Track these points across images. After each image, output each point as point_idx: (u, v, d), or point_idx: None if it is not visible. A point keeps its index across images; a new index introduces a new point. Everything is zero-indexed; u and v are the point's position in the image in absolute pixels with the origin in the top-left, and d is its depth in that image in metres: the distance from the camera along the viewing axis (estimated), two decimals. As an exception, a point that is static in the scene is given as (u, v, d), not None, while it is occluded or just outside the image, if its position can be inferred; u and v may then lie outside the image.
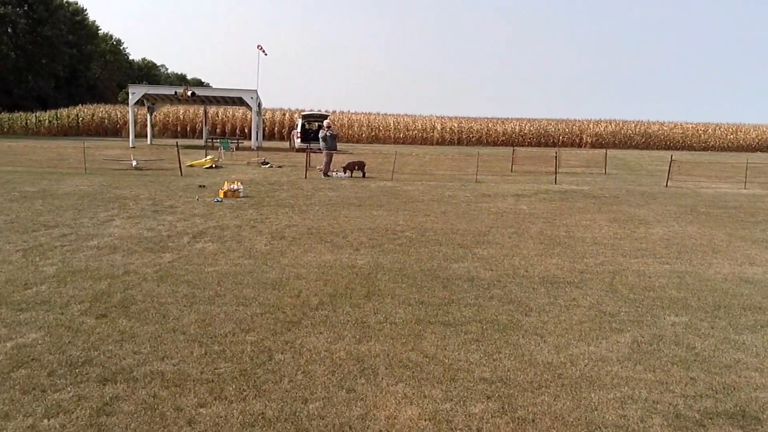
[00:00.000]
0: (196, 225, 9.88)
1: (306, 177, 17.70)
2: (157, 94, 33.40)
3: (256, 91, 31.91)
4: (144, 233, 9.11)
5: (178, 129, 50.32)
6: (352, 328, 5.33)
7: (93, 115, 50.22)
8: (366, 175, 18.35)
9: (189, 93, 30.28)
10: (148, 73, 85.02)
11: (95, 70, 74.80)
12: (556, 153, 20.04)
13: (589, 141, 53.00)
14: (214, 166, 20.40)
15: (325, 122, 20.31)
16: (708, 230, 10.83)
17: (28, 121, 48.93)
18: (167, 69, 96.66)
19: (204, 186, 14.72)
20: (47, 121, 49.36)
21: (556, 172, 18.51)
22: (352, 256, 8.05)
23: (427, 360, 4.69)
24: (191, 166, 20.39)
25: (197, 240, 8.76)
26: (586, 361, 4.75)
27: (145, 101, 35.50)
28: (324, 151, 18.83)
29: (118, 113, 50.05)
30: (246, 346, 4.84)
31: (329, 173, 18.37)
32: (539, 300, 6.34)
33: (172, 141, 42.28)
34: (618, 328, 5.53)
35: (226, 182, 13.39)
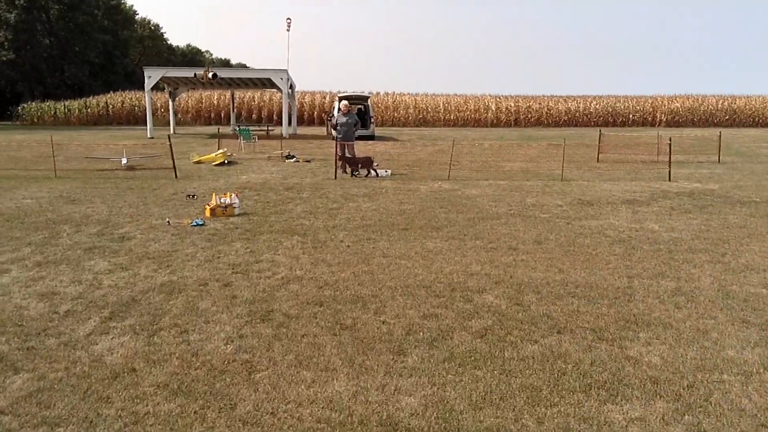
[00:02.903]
0: (134, 281, 5.92)
1: (336, 177, 13.59)
2: (177, 77, 29.69)
3: (286, 71, 27.85)
4: (31, 306, 5.20)
5: (212, 116, 46.89)
6: None
7: (123, 102, 47.34)
8: (370, 173, 13.80)
9: (210, 75, 26.44)
10: (192, 59, 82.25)
11: (133, 57, 72.34)
12: (669, 139, 14.95)
13: (664, 119, 46.91)
14: (226, 161, 16.51)
15: (341, 104, 15.36)
16: None
17: (57, 111, 46.42)
18: (212, 54, 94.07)
19: (194, 196, 10.80)
20: (77, 110, 46.76)
21: (669, 164, 13.75)
22: (392, 378, 3.91)
23: None
24: (199, 162, 16.56)
25: (111, 324, 4.79)
26: None
27: (165, 86, 31.97)
28: (341, 143, 14.23)
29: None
30: None
31: (356, 172, 14.00)
32: None
33: (203, 129, 38.98)
34: None
35: (214, 193, 9.41)
